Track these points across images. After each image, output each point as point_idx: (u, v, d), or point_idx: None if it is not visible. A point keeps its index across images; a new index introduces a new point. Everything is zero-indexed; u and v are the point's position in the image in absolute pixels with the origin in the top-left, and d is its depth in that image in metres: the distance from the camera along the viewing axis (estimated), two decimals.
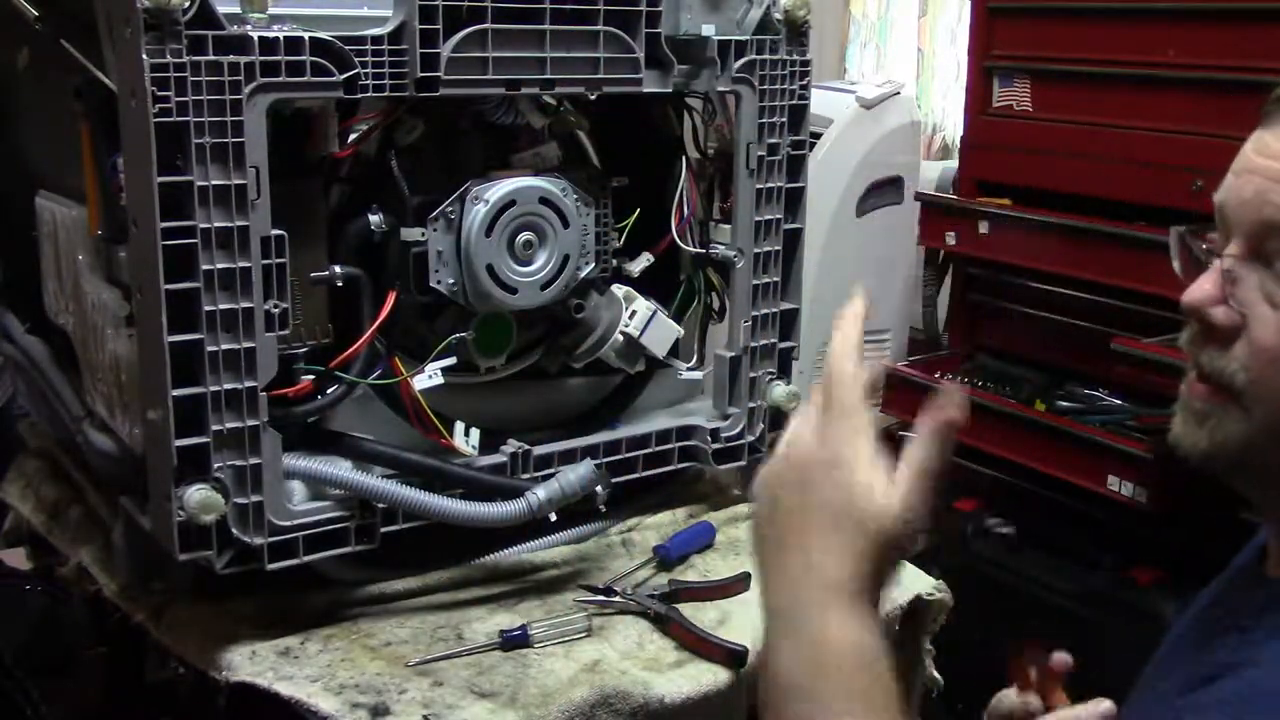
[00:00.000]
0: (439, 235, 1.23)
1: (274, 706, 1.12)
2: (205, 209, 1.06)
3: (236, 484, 1.13)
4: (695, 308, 1.46)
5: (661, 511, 1.49)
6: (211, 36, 1.04)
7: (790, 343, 1.48)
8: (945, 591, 1.39)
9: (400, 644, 1.22)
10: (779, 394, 1.46)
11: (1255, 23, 2.11)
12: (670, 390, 1.50)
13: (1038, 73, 2.54)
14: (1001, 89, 2.64)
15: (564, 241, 1.29)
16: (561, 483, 1.26)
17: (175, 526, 1.10)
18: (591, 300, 1.35)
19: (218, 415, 1.10)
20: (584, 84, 1.26)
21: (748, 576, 1.34)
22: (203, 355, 1.09)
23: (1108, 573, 2.31)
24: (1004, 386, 2.54)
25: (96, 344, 1.28)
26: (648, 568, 1.38)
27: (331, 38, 1.11)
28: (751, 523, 0.83)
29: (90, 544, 1.40)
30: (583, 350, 1.36)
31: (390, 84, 1.15)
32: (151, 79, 1.02)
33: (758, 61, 1.36)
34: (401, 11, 1.15)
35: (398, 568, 1.30)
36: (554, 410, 1.42)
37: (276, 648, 1.19)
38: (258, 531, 1.14)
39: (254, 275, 1.10)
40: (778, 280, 1.44)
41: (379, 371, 1.23)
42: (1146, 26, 2.30)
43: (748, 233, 1.40)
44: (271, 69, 1.08)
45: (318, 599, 1.26)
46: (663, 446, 1.42)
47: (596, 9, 1.24)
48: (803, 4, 1.38)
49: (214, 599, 1.24)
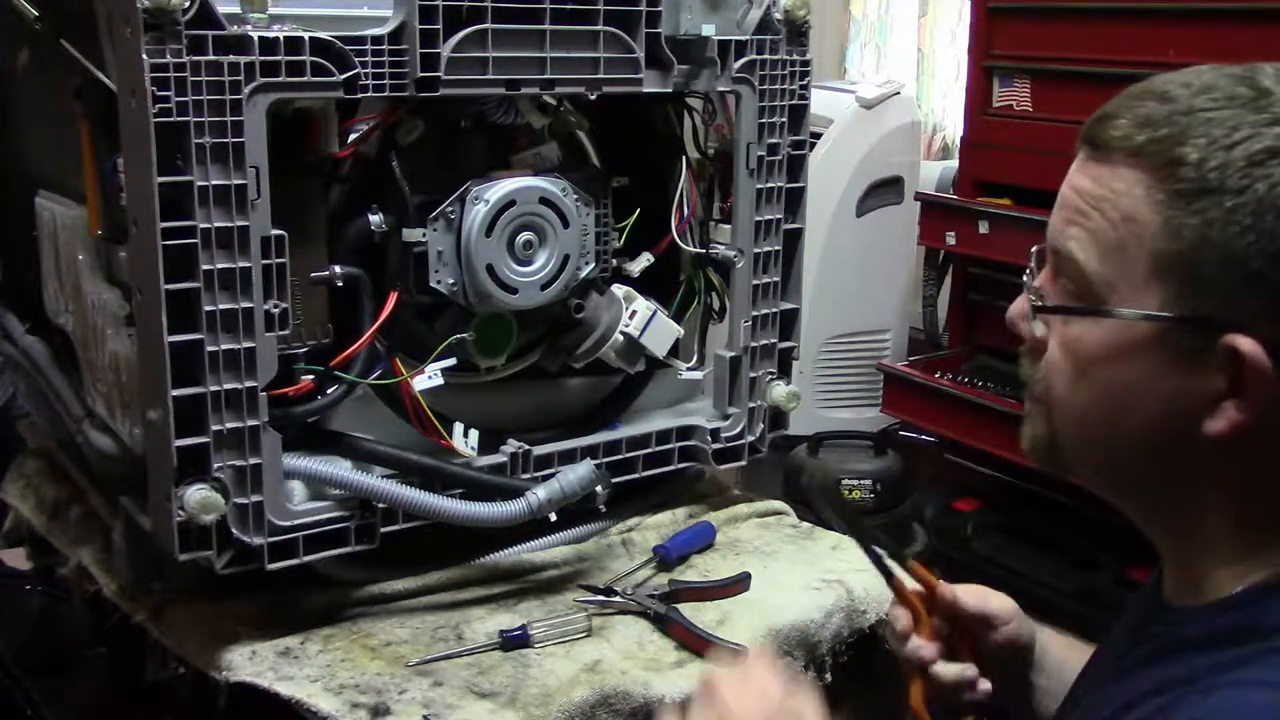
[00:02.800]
0: (439, 235, 1.23)
1: (274, 706, 1.12)
2: (205, 209, 1.06)
3: (236, 484, 1.13)
4: (695, 308, 1.46)
5: (661, 511, 1.49)
6: (211, 36, 1.04)
7: (790, 343, 1.48)
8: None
9: (400, 644, 1.22)
10: (779, 394, 1.46)
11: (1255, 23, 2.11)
12: (670, 390, 1.50)
13: (1038, 73, 2.55)
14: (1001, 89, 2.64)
15: (564, 241, 1.29)
16: (561, 483, 1.26)
17: (175, 526, 1.10)
18: (591, 300, 1.35)
19: (218, 415, 1.10)
20: (584, 84, 1.26)
21: (748, 576, 1.34)
22: (203, 355, 1.09)
23: (1108, 573, 2.31)
24: (1004, 386, 2.54)
25: (96, 344, 1.28)
26: (648, 568, 1.38)
27: (331, 38, 1.11)
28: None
29: (90, 544, 1.40)
30: (583, 350, 1.36)
31: (390, 84, 1.15)
32: (151, 79, 1.02)
33: (758, 61, 1.36)
34: (401, 11, 1.15)
35: (398, 568, 1.30)
36: (554, 410, 1.42)
37: (276, 648, 1.19)
38: (258, 531, 1.14)
39: (254, 275, 1.10)
40: (778, 280, 1.44)
41: (379, 372, 1.23)
42: (1146, 26, 2.31)
43: (748, 233, 1.40)
44: (271, 69, 1.08)
45: (318, 599, 1.26)
46: (663, 446, 1.42)
47: (596, 9, 1.24)
48: (803, 4, 1.38)
49: (214, 599, 1.24)
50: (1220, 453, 0.78)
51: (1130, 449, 0.83)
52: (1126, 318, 0.79)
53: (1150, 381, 0.80)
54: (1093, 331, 0.82)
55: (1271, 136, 0.75)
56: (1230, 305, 0.76)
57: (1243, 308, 0.75)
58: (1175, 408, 0.79)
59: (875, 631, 1.33)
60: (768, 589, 1.33)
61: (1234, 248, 0.75)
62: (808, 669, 1.28)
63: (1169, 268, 0.77)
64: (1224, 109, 0.76)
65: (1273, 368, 0.75)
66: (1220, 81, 0.78)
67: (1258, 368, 0.75)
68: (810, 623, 1.28)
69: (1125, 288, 0.79)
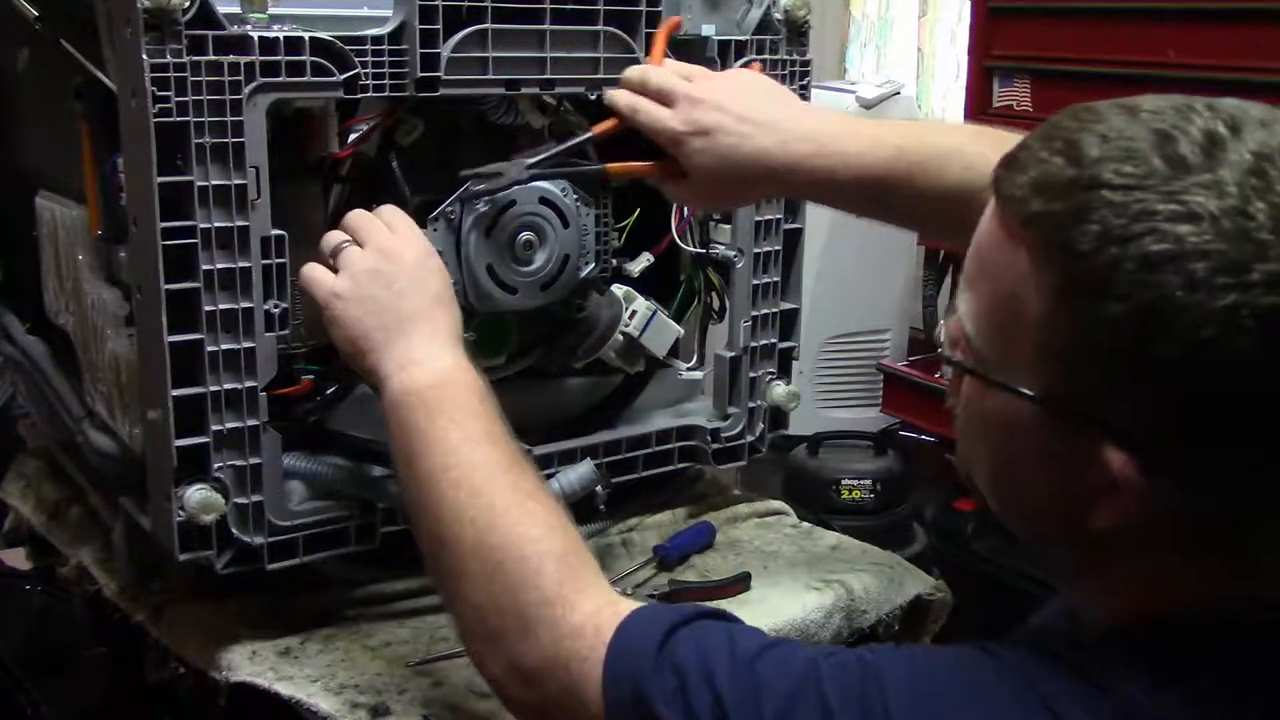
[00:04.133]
0: (439, 235, 1.23)
1: (274, 706, 1.12)
2: (205, 209, 1.06)
3: (236, 484, 1.13)
4: (695, 308, 1.46)
5: (661, 511, 1.49)
6: (211, 36, 1.04)
7: (790, 343, 1.48)
8: (945, 591, 1.39)
9: (400, 644, 1.22)
10: (779, 394, 1.46)
11: (1255, 23, 2.11)
12: (670, 390, 1.50)
13: (1038, 73, 2.55)
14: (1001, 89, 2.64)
15: (564, 241, 1.29)
16: (561, 483, 1.26)
17: (175, 526, 1.10)
18: (591, 300, 1.35)
19: (218, 415, 1.10)
20: (584, 84, 1.26)
21: (748, 576, 1.34)
22: (203, 355, 1.09)
23: None
24: None
25: (96, 344, 1.28)
26: (648, 568, 1.38)
27: (331, 38, 1.11)
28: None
29: (90, 544, 1.40)
30: (583, 350, 1.36)
31: (390, 84, 1.15)
32: (151, 79, 1.02)
33: (757, 61, 1.35)
34: (401, 11, 1.15)
35: (398, 568, 1.30)
36: (554, 410, 1.42)
37: (276, 648, 1.19)
38: (258, 531, 1.14)
39: (254, 275, 1.10)
40: (778, 280, 1.44)
41: None
42: (1146, 26, 2.31)
43: (748, 233, 1.40)
44: (271, 69, 1.08)
45: (318, 599, 1.26)
46: (663, 446, 1.41)
47: (596, 9, 1.24)
48: (803, 4, 1.38)
49: (214, 599, 1.24)
50: (1108, 541, 0.74)
51: (1023, 520, 0.81)
52: (1011, 394, 0.74)
53: (1037, 462, 0.76)
54: (988, 395, 0.77)
55: (1172, 238, 0.64)
56: (1107, 412, 0.70)
57: (1120, 416, 0.69)
58: (1060, 493, 0.75)
59: (875, 631, 1.33)
60: (768, 589, 1.33)
61: (1113, 357, 0.68)
62: None
63: (1051, 358, 0.71)
64: (1131, 189, 0.66)
65: (1145, 482, 0.70)
66: (1139, 145, 0.67)
67: (1127, 479, 0.70)
68: (810, 623, 1.28)
69: (1011, 365, 0.74)
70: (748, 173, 1.12)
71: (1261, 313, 0.63)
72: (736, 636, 0.83)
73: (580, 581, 0.91)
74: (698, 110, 1.12)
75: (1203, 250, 0.64)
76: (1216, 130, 0.67)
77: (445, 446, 0.99)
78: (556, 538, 0.94)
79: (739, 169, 1.12)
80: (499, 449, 1.00)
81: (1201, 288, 0.64)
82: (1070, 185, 0.68)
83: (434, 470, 0.98)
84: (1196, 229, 0.64)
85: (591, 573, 0.93)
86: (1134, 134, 0.68)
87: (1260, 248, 0.64)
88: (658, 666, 0.81)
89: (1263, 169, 0.65)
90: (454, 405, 1.01)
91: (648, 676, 0.81)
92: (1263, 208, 0.64)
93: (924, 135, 1.11)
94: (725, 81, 1.19)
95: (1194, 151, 0.66)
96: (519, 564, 0.92)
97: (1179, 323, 0.64)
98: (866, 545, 1.46)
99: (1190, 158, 0.66)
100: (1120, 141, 0.68)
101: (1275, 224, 0.64)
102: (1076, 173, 0.69)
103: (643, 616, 0.87)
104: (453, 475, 0.97)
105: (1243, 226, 0.64)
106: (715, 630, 0.84)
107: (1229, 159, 0.66)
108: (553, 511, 0.97)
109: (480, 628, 0.94)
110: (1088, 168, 0.68)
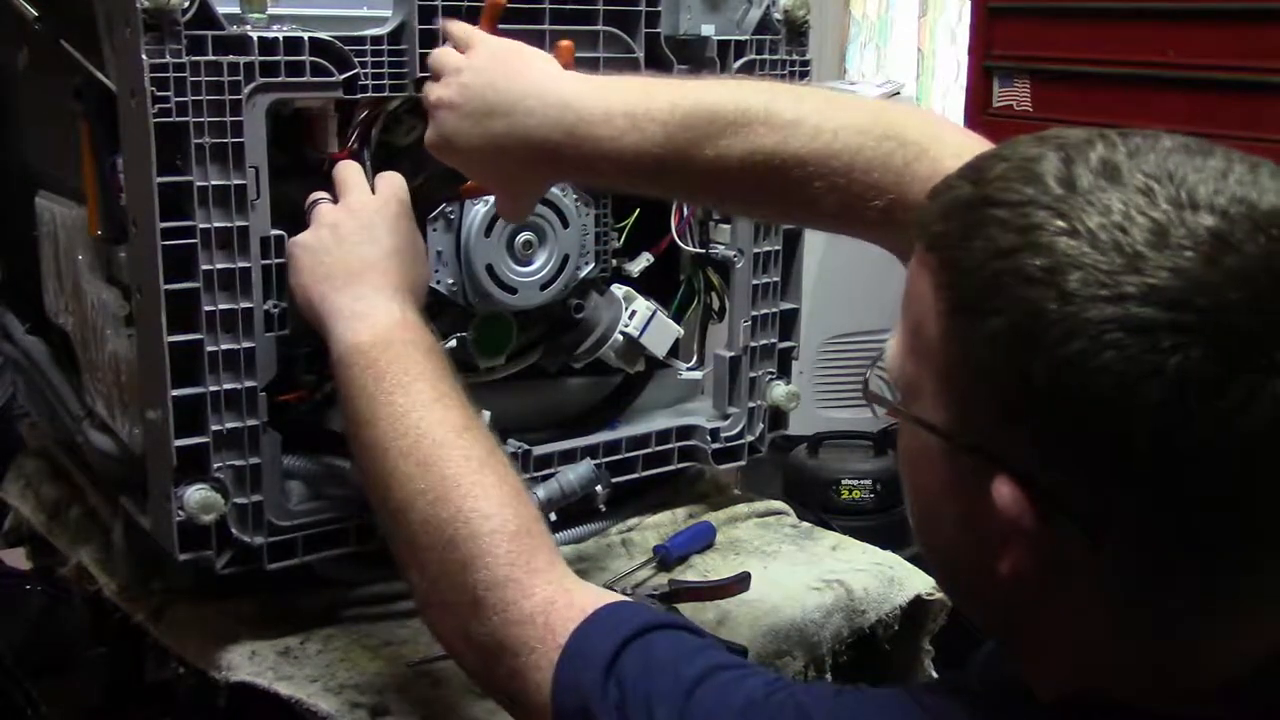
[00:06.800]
0: (439, 235, 1.23)
1: (274, 706, 1.12)
2: (205, 209, 1.06)
3: (236, 484, 1.13)
4: (695, 308, 1.46)
5: (661, 511, 1.49)
6: (211, 36, 1.05)
7: (790, 343, 1.48)
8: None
9: (400, 644, 1.22)
10: (779, 394, 1.46)
11: (1255, 23, 2.11)
12: (670, 390, 1.50)
13: (1038, 73, 2.55)
14: (1001, 89, 2.64)
15: (564, 241, 1.29)
16: (561, 483, 1.26)
17: (175, 526, 1.10)
18: (591, 300, 1.35)
19: (217, 415, 1.10)
20: None
21: (747, 576, 1.34)
22: (202, 355, 1.09)
23: None
24: None
25: (96, 344, 1.28)
26: (648, 568, 1.38)
27: (331, 38, 1.11)
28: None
29: (90, 544, 1.40)
30: (583, 350, 1.36)
31: (390, 84, 1.15)
32: (151, 79, 1.02)
33: (757, 61, 1.35)
34: (401, 11, 1.15)
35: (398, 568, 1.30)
36: (554, 410, 1.42)
37: (276, 648, 1.19)
38: (257, 531, 1.14)
39: (254, 275, 1.10)
40: (778, 280, 1.44)
41: None
42: (1146, 26, 2.31)
43: (747, 232, 1.40)
44: (271, 69, 1.08)
45: (318, 599, 1.26)
46: (663, 446, 1.42)
47: (596, 9, 1.24)
48: (803, 4, 1.38)
49: (214, 599, 1.24)
50: (1025, 598, 0.68)
51: (941, 567, 0.78)
52: (920, 427, 0.71)
53: (944, 499, 0.71)
54: (904, 430, 0.74)
55: (1049, 251, 0.62)
56: (1000, 443, 0.65)
57: (1012, 448, 0.65)
58: (971, 535, 0.69)
59: (875, 631, 1.33)
60: (768, 589, 1.33)
61: (994, 379, 0.64)
62: (808, 669, 1.28)
63: (949, 386, 0.68)
64: (1018, 206, 0.64)
65: (1041, 524, 0.64)
66: (1039, 168, 0.65)
67: (1019, 518, 0.64)
68: (810, 623, 1.28)
69: (922, 396, 0.71)
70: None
71: (1133, 326, 0.59)
72: (681, 659, 0.81)
73: (533, 563, 0.90)
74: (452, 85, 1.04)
75: (1076, 263, 0.61)
76: (1114, 157, 0.65)
77: (393, 412, 0.98)
78: (509, 513, 0.93)
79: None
80: (450, 412, 0.98)
81: (1074, 300, 0.61)
82: (968, 206, 0.67)
83: (382, 439, 0.98)
84: (1075, 242, 0.62)
85: (544, 552, 0.92)
86: (1035, 157, 0.66)
87: (1134, 260, 0.61)
88: (604, 685, 0.81)
89: (1151, 188, 0.63)
90: (400, 367, 1.00)
91: (594, 695, 0.81)
92: (1143, 222, 0.61)
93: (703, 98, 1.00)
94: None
95: (1088, 174, 0.64)
96: (469, 542, 0.91)
97: (1049, 337, 0.61)
98: (866, 545, 1.46)
99: (1082, 179, 0.64)
100: (1021, 164, 0.66)
101: (1154, 238, 0.61)
102: (973, 193, 0.67)
103: (598, 623, 0.86)
104: (401, 445, 0.96)
105: (1118, 240, 0.61)
106: (663, 648, 0.82)
107: (1122, 180, 0.63)
108: (504, 481, 0.95)
109: (434, 597, 0.94)
110: (983, 186, 0.67)
